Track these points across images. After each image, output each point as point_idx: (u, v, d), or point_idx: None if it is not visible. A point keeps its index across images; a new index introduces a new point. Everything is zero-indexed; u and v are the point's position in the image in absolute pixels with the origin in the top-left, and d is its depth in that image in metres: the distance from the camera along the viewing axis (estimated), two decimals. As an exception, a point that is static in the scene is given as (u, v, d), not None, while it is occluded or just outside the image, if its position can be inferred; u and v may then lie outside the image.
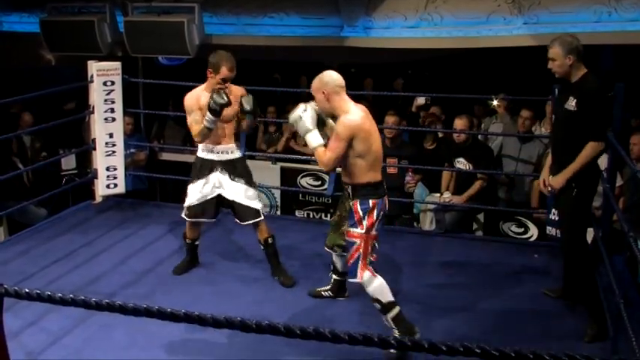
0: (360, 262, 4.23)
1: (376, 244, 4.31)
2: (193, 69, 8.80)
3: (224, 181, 5.17)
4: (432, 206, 6.83)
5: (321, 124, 4.36)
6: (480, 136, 7.20)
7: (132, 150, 7.59)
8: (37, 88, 6.75)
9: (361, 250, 4.22)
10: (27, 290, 2.45)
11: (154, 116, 9.08)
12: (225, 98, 4.78)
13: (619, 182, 6.08)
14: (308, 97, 4.45)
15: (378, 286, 4.25)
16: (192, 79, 7.71)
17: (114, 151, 6.97)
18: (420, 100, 8.57)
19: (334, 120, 4.28)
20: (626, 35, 6.67)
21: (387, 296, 4.26)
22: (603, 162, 5.11)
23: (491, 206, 6.88)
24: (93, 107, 6.89)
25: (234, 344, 4.29)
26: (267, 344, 3.79)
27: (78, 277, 5.41)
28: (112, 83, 6.87)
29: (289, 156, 8.05)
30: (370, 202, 4.21)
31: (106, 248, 6.06)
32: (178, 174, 7.42)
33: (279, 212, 7.94)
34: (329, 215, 7.67)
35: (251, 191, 5.22)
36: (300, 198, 7.90)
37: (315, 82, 4.26)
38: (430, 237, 6.65)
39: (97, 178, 7.01)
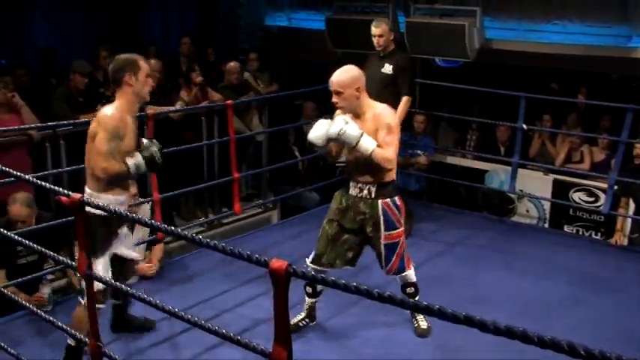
0: (404, 255, 4.49)
1: None
2: (470, 72, 8.78)
3: (125, 233, 4.20)
4: None
5: None
6: None
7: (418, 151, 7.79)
8: (321, 80, 7.09)
9: (405, 246, 4.49)
10: (312, 273, 2.62)
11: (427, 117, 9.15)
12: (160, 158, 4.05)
13: None
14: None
15: (414, 273, 4.64)
16: (469, 82, 7.72)
17: (386, 148, 7.09)
18: None
19: (359, 117, 4.27)
20: None
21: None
22: None
23: None
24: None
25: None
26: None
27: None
28: (390, 81, 7.02)
29: (563, 169, 7.76)
30: (397, 199, 4.39)
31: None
32: (447, 176, 7.50)
33: (546, 225, 7.68)
34: (599, 234, 7.30)
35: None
36: (571, 213, 7.57)
37: (343, 78, 4.25)
38: None
39: (368, 172, 7.17)
